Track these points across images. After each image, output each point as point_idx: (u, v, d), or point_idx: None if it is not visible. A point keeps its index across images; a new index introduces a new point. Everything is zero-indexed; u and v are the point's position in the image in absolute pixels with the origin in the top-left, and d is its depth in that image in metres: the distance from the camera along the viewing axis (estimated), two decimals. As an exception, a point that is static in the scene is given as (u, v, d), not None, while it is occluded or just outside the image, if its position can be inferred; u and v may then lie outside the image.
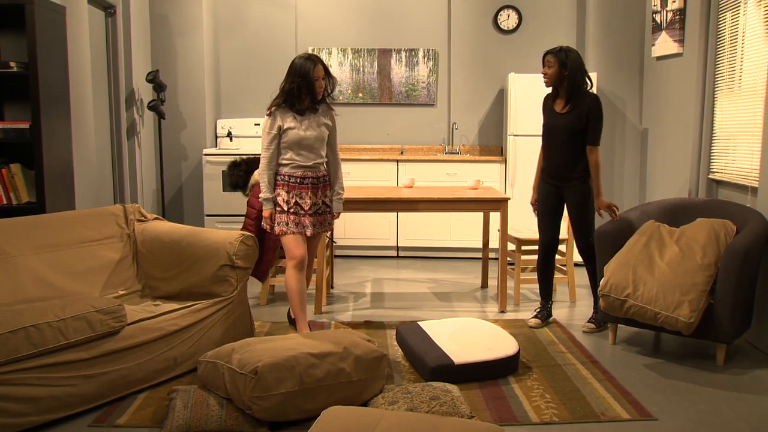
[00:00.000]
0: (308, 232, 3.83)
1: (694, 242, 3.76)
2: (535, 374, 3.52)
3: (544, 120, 4.29)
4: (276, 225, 3.82)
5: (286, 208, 3.80)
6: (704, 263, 3.63)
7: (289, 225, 3.80)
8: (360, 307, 4.81)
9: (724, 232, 3.80)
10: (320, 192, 3.89)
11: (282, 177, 3.82)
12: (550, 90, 4.26)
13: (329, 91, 3.87)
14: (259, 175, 3.82)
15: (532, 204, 4.46)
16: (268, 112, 3.81)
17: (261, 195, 3.81)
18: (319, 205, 3.89)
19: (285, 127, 3.77)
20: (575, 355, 3.81)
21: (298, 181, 3.80)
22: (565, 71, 4.08)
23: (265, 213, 3.81)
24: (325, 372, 2.97)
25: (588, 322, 4.31)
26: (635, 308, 3.61)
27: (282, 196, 3.81)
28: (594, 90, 5.89)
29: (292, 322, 4.19)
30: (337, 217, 4.04)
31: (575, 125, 4.11)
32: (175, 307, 3.38)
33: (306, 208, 3.82)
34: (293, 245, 3.80)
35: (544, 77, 4.17)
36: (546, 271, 4.42)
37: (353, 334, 3.31)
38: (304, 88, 3.72)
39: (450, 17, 6.70)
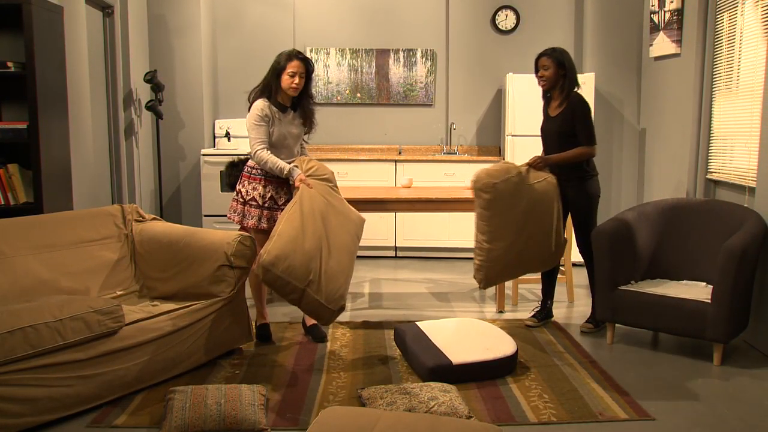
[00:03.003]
0: None
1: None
2: (533, 374, 3.52)
3: (542, 124, 4.30)
4: (249, 218, 3.87)
5: (261, 203, 3.87)
6: None
7: (262, 220, 3.87)
8: (358, 307, 4.81)
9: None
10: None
11: (259, 171, 3.88)
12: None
13: (307, 98, 3.92)
14: (265, 161, 3.78)
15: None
16: (250, 100, 3.86)
17: (280, 168, 3.75)
18: None
19: (271, 121, 3.83)
20: (573, 355, 3.82)
21: (275, 176, 3.86)
22: (563, 71, 4.07)
23: (296, 182, 3.70)
24: None
25: (586, 322, 4.31)
26: None
27: (258, 190, 3.87)
28: (592, 90, 5.93)
29: (309, 331, 4.09)
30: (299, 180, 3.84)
31: (564, 128, 4.09)
32: (173, 308, 3.38)
33: (281, 203, 3.88)
34: (264, 241, 3.68)
35: (540, 81, 4.14)
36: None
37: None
38: (273, 82, 3.81)
39: (448, 17, 6.70)
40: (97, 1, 5.34)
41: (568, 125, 4.07)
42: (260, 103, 3.83)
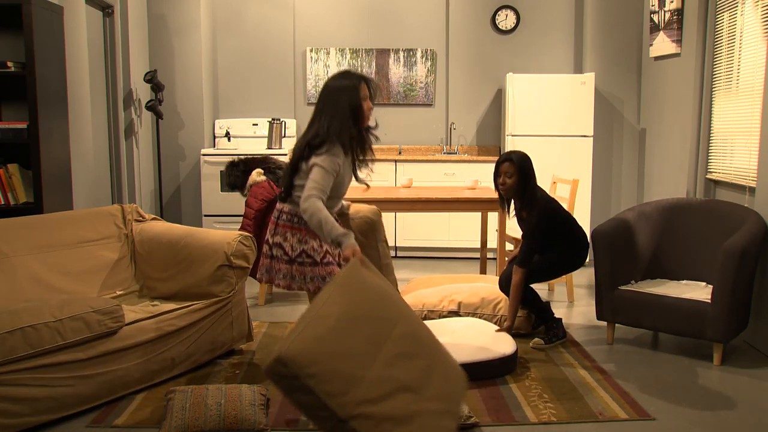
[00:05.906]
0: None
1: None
2: (533, 374, 3.52)
3: (515, 217, 3.96)
4: (311, 282, 2.99)
5: (319, 259, 2.99)
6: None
7: (326, 279, 2.98)
8: (358, 307, 4.80)
9: None
10: None
11: (292, 218, 3.01)
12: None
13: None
14: (315, 214, 2.81)
15: (506, 331, 3.80)
16: (325, 149, 2.89)
17: (334, 234, 2.80)
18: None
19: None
20: (573, 355, 3.82)
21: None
22: (526, 177, 3.73)
23: (347, 252, 2.77)
24: None
25: (539, 337, 3.97)
26: None
27: (311, 244, 2.98)
28: (592, 90, 5.93)
29: None
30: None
31: (542, 231, 3.76)
32: (173, 308, 3.38)
33: (336, 258, 3.09)
34: None
35: (501, 188, 3.77)
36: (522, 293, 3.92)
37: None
38: (354, 113, 2.94)
39: (448, 17, 6.70)
40: (97, 1, 5.34)
41: (544, 231, 3.78)
42: (341, 150, 2.94)
